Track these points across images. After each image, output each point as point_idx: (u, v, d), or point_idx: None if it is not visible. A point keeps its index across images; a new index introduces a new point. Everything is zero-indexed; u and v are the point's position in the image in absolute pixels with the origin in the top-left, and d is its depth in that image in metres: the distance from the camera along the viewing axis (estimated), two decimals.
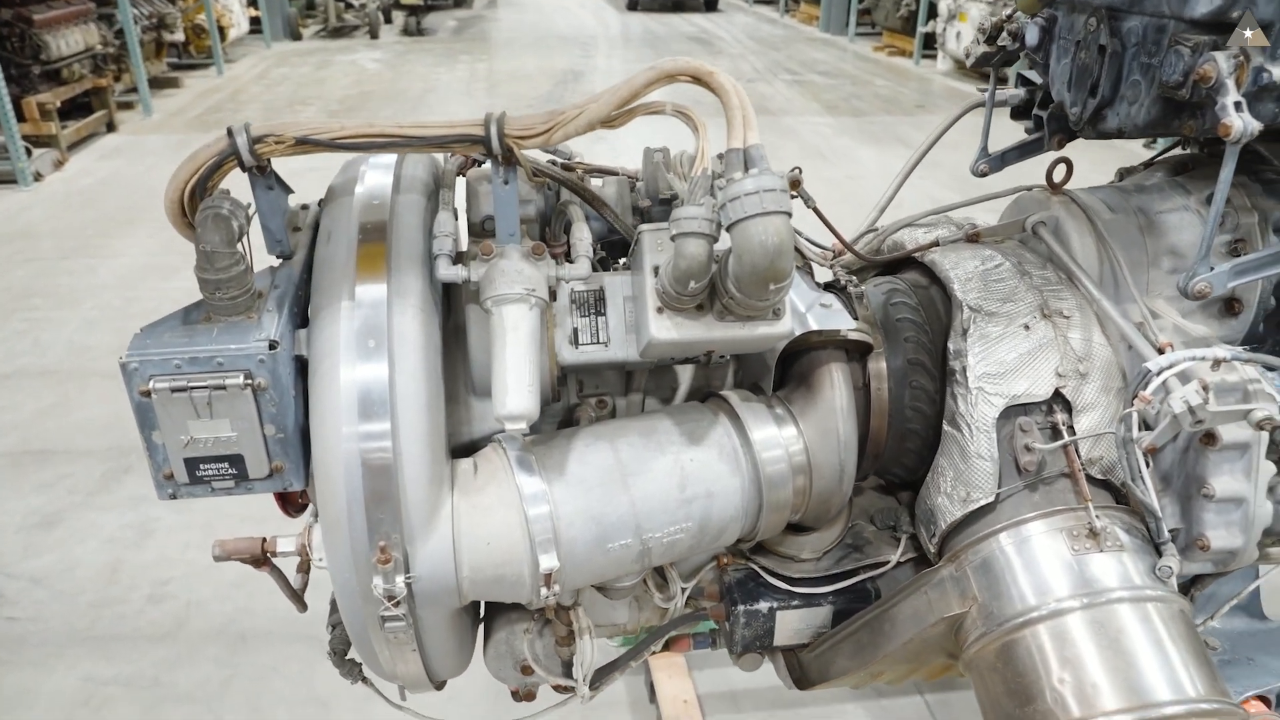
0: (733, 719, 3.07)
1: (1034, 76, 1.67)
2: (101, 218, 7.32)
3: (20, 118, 8.10)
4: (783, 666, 1.63)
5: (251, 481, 1.14)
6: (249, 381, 1.07)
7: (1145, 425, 1.20)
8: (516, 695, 1.60)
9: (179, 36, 11.36)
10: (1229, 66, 1.14)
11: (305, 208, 1.33)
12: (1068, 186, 1.50)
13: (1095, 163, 1.69)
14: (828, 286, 1.51)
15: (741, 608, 1.46)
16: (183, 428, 1.07)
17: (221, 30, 12.56)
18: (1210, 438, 1.20)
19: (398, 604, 1.09)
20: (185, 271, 4.38)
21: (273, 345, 1.08)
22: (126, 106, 10.27)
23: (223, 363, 1.07)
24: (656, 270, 1.12)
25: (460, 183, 1.37)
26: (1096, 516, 1.22)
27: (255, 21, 14.18)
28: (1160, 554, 1.23)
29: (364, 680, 1.46)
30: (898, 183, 1.80)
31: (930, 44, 11.92)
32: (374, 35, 15.67)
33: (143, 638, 3.38)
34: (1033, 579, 1.21)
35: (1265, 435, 1.19)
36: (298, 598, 1.37)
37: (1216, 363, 1.18)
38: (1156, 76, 1.25)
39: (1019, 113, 1.71)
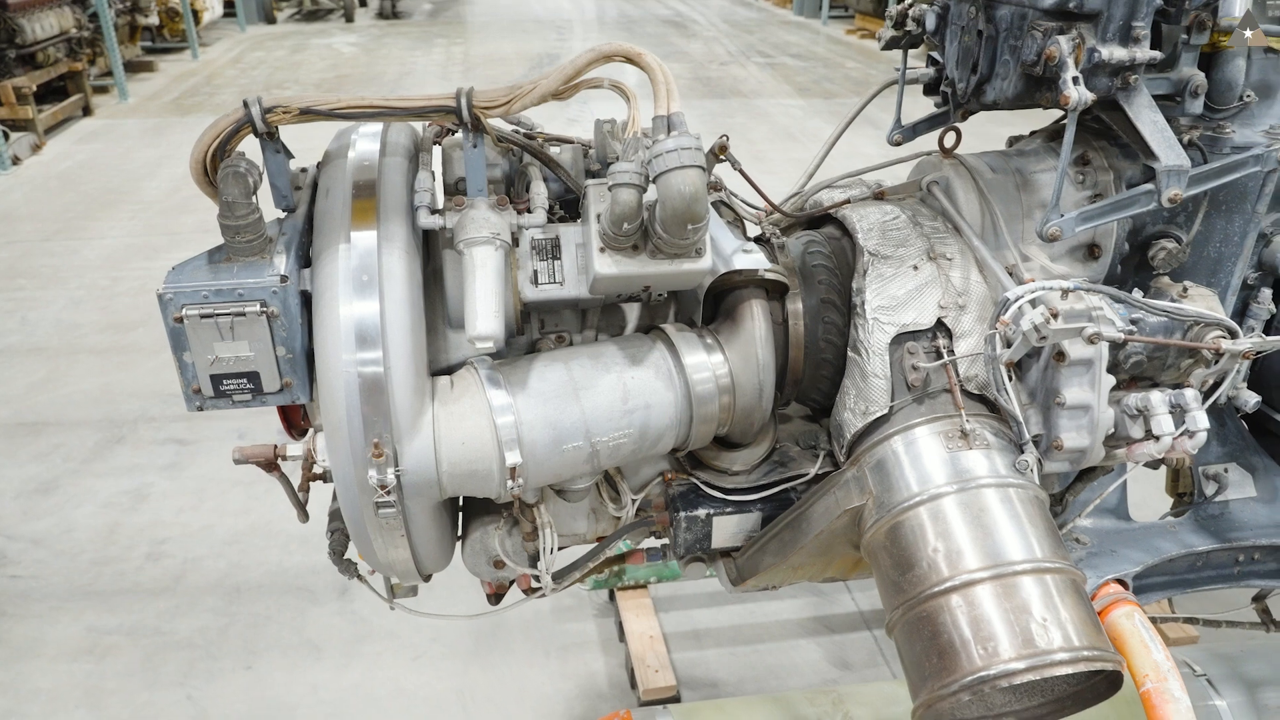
0: (696, 655, 3.34)
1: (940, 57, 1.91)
2: (82, 200, 7.44)
3: None
4: (721, 570, 1.88)
5: (265, 395, 1.37)
6: (264, 309, 1.30)
7: (1007, 344, 1.46)
8: (491, 597, 1.84)
9: (153, 20, 11.40)
10: (1069, 47, 1.39)
11: (304, 170, 1.55)
12: (959, 151, 1.75)
13: None
14: (756, 239, 1.75)
15: (683, 514, 1.71)
16: (209, 348, 1.31)
17: (196, 13, 12.58)
18: (1061, 355, 1.45)
19: (389, 492, 1.33)
20: (168, 252, 4.66)
21: (284, 279, 1.32)
22: (102, 90, 10.33)
23: (243, 294, 1.30)
24: (599, 217, 1.36)
25: (436, 151, 1.60)
26: (967, 421, 1.48)
27: (229, 4, 14.19)
28: (1022, 451, 1.48)
29: (359, 578, 1.70)
30: (823, 152, 2.05)
31: None
32: (349, 18, 15.70)
33: (143, 591, 3.60)
34: (916, 472, 1.47)
35: (1105, 352, 1.44)
36: (301, 506, 1.60)
37: (1065, 292, 1.44)
38: (1019, 56, 1.50)
39: (930, 89, 1.96)
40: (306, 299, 1.37)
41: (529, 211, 1.44)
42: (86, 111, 9.73)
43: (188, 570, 3.71)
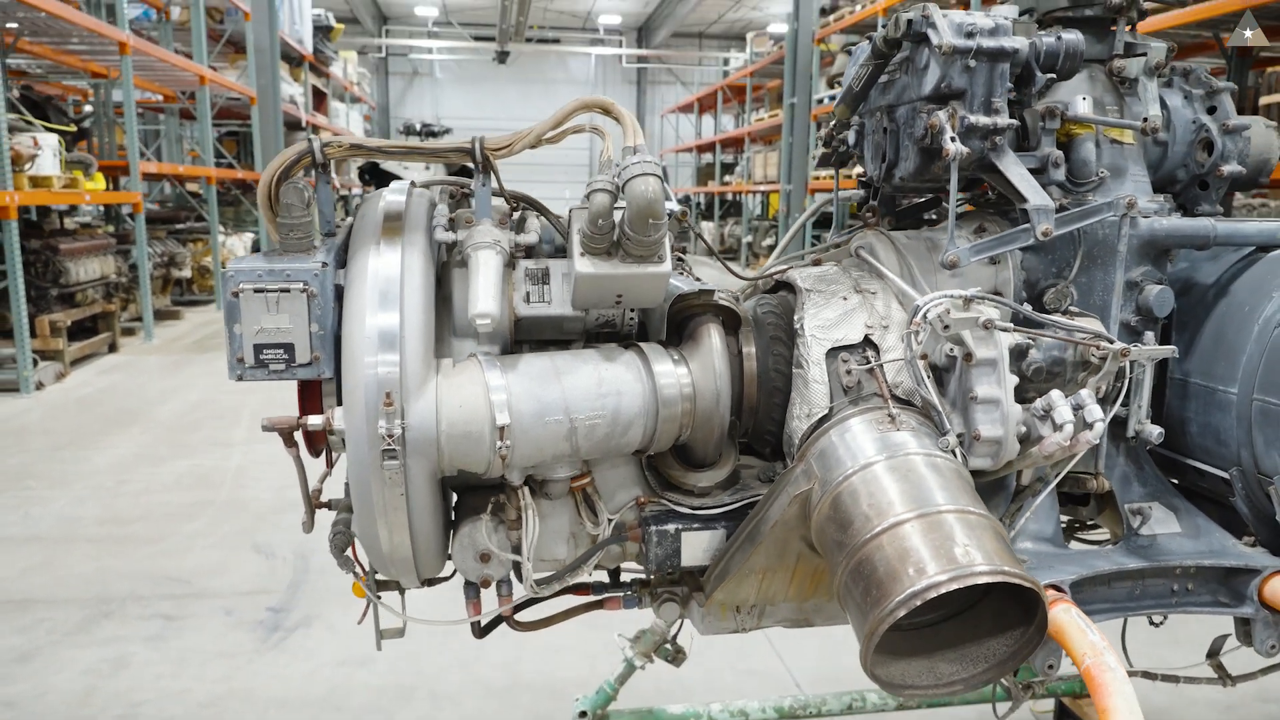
0: None
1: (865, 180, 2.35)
2: (97, 419, 7.80)
3: (31, 333, 8.78)
4: (694, 610, 2.02)
5: (297, 366, 1.62)
6: (305, 288, 1.60)
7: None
8: (474, 625, 1.96)
9: (186, 273, 12.40)
10: (946, 117, 1.80)
11: (346, 217, 1.91)
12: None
13: None
14: None
15: (654, 529, 1.89)
16: (257, 320, 1.58)
17: None
18: (969, 357, 1.72)
19: (395, 442, 1.54)
20: (174, 460, 5.14)
21: (324, 265, 1.62)
22: (129, 333, 11.04)
23: (290, 275, 1.60)
24: (580, 231, 1.69)
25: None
26: (894, 408, 1.72)
27: None
28: (944, 435, 1.71)
29: (355, 574, 1.83)
30: (774, 258, 2.43)
31: None
32: None
33: None
34: (851, 451, 1.69)
35: (1005, 352, 1.72)
36: (309, 506, 1.78)
37: (967, 301, 1.74)
38: (913, 137, 1.92)
39: (860, 206, 2.38)
40: (339, 293, 1.66)
41: (525, 232, 1.78)
42: (112, 348, 10.35)
43: None
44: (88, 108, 13.50)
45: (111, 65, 11.19)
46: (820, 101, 14.09)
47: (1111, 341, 1.78)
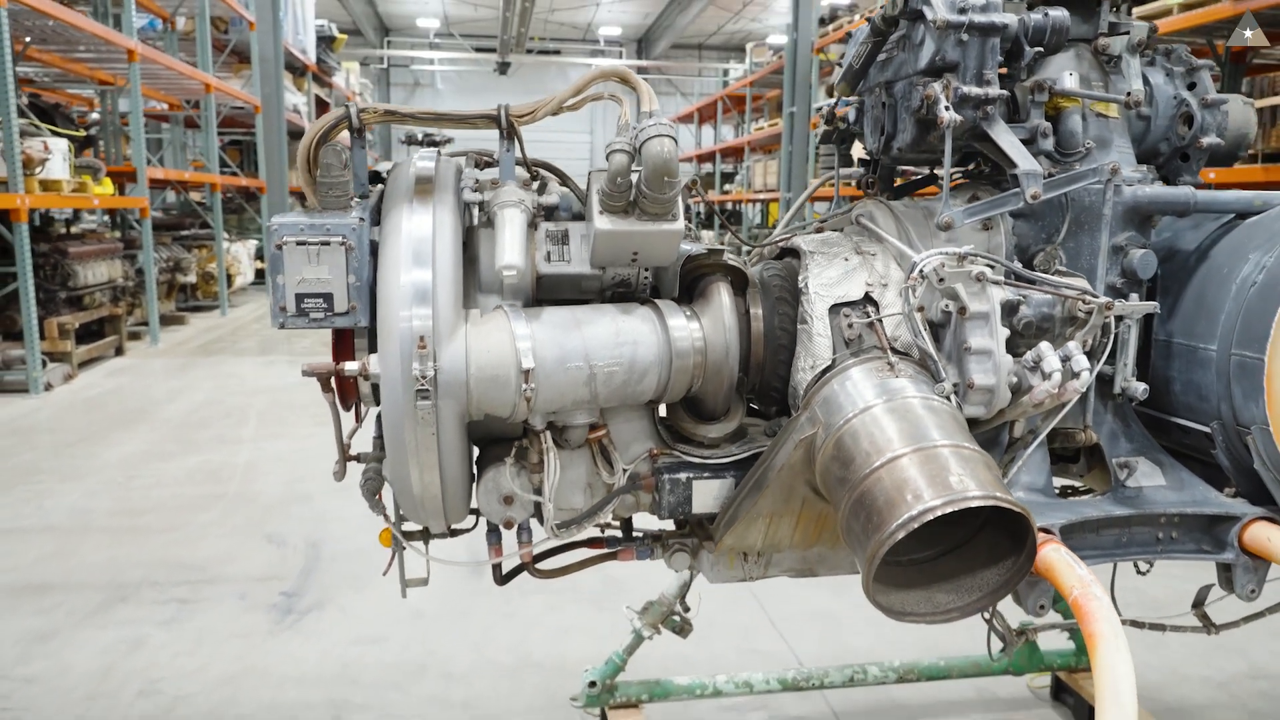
0: None
1: (865, 156, 2.48)
2: (106, 418, 7.90)
3: (40, 335, 8.87)
4: (704, 559, 2.12)
5: (335, 315, 1.73)
6: (344, 242, 1.71)
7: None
8: (496, 570, 2.06)
9: (191, 279, 12.51)
10: (940, 88, 1.93)
11: (379, 184, 2.03)
12: None
13: None
14: None
15: (667, 476, 2.00)
16: (299, 270, 1.70)
17: (230, 278, 13.81)
18: (963, 310, 1.84)
19: (428, 383, 1.65)
20: (182, 457, 5.29)
21: (361, 220, 1.74)
22: (135, 337, 11.14)
23: (330, 229, 1.72)
24: (599, 191, 1.81)
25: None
26: (892, 356, 1.84)
27: (261, 274, 15.57)
28: (939, 382, 1.82)
29: (385, 515, 1.93)
30: (782, 226, 2.55)
31: None
32: None
33: None
34: (852, 397, 1.80)
35: (997, 306, 1.84)
36: (342, 453, 1.89)
37: (961, 258, 1.86)
38: (910, 109, 2.04)
39: (860, 184, 2.50)
40: (373, 249, 1.78)
41: (547, 195, 1.90)
42: (119, 352, 10.44)
43: (179, 705, 3.72)
44: (94, 115, 13.66)
45: (119, 73, 11.35)
46: (819, 110, 14.27)
47: (1097, 296, 1.90)
